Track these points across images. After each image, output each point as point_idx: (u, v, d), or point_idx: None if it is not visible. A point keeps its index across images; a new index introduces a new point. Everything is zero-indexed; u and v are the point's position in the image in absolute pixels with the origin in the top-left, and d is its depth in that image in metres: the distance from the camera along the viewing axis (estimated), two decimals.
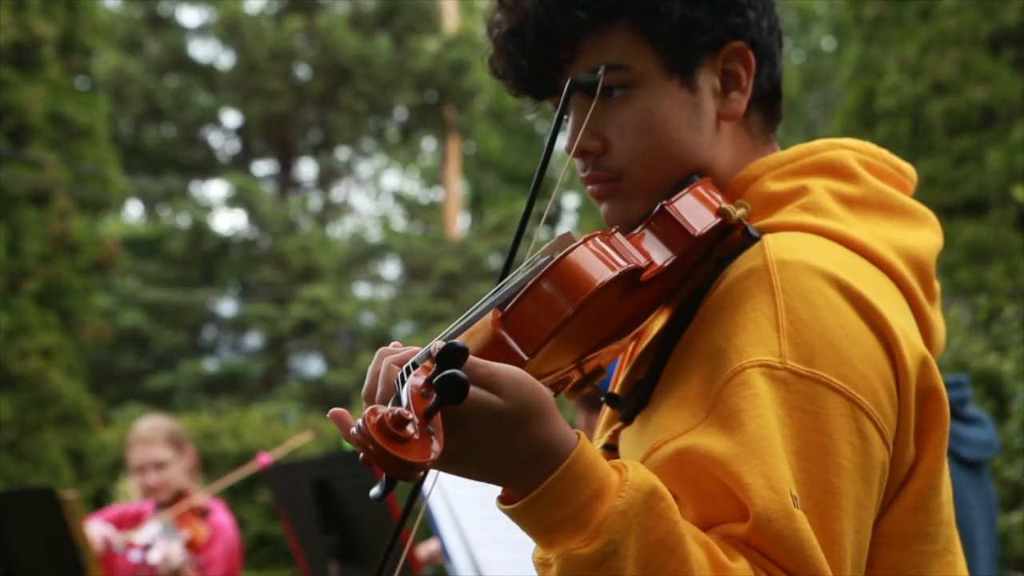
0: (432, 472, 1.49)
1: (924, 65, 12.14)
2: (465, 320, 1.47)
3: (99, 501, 13.19)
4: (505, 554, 3.64)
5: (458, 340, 1.27)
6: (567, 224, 27.71)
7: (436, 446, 1.22)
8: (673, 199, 1.54)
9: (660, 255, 1.51)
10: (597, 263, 1.43)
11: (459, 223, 25.09)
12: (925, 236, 1.63)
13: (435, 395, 1.22)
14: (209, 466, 14.34)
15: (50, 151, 14.40)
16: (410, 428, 1.21)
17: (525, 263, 1.55)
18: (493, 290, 1.52)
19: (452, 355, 1.24)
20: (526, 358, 1.41)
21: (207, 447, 14.66)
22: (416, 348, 1.43)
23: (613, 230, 1.52)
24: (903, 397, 1.48)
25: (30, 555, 4.82)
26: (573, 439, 1.35)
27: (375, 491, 1.27)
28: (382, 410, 1.22)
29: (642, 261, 1.49)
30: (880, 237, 1.58)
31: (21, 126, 14.17)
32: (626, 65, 1.59)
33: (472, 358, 1.31)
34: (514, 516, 1.37)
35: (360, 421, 1.22)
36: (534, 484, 1.33)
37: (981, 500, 5.86)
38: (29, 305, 13.89)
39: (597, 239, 1.46)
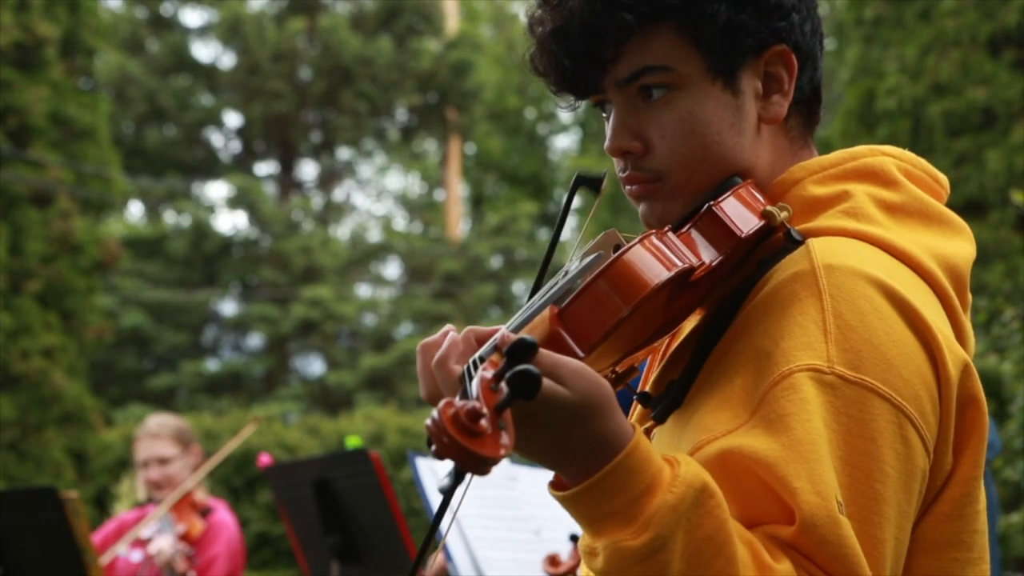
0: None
1: (924, 66, 12.15)
2: (523, 316, 1.50)
3: (101, 501, 13.21)
4: (506, 554, 3.65)
5: (526, 335, 1.27)
6: (568, 225, 27.62)
7: (507, 440, 1.24)
8: (719, 200, 1.54)
9: (708, 255, 1.52)
10: (653, 263, 1.45)
11: (460, 224, 25.10)
12: (960, 246, 1.63)
13: (507, 390, 1.24)
14: None
15: (52, 152, 14.42)
16: (483, 422, 1.23)
17: (573, 259, 1.58)
18: (547, 286, 1.55)
19: (522, 350, 1.25)
20: (582, 355, 1.42)
21: (209, 447, 14.63)
22: (450, 332, 1.48)
23: (666, 229, 1.52)
24: (944, 405, 1.48)
25: (32, 554, 4.84)
26: (629, 431, 1.36)
27: (444, 482, 1.26)
28: (457, 403, 1.23)
29: (695, 261, 1.49)
30: (920, 244, 1.58)
31: (23, 127, 14.18)
32: (669, 67, 1.58)
33: (539, 350, 1.32)
34: (565, 503, 1.39)
35: (435, 413, 1.23)
36: (589, 473, 1.35)
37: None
38: (31, 305, 13.91)
39: (653, 238, 1.47)
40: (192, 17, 26.61)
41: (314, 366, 22.76)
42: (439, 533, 3.55)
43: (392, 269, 24.92)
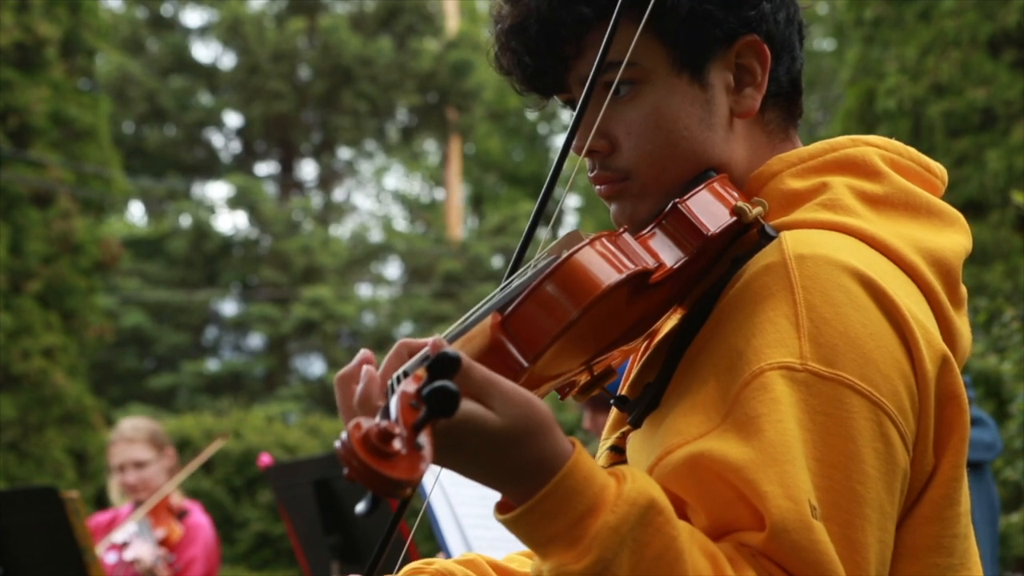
0: (433, 470, 1.46)
1: (924, 67, 12.16)
2: (463, 324, 1.41)
3: (101, 501, 13.20)
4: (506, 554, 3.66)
5: (450, 349, 1.18)
6: (568, 224, 27.68)
7: (424, 463, 1.15)
8: (686, 197, 1.47)
9: (671, 256, 1.44)
10: (603, 265, 1.36)
11: (460, 224, 25.11)
12: (952, 238, 1.55)
13: (424, 407, 1.15)
14: (211, 466, 14.37)
15: (53, 152, 14.42)
16: (397, 443, 1.14)
17: (531, 263, 1.50)
18: (496, 291, 1.46)
19: (443, 365, 1.16)
20: (526, 365, 1.34)
21: (202, 448, 14.67)
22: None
23: (621, 230, 1.44)
24: (923, 401, 1.41)
25: (32, 554, 4.84)
26: (568, 451, 1.29)
27: (360, 507, 1.18)
28: (367, 424, 1.15)
29: (651, 263, 1.41)
30: (903, 237, 1.50)
31: (24, 127, 14.19)
32: (633, 61, 1.50)
33: (468, 365, 1.25)
34: (508, 527, 1.32)
35: (344, 435, 1.15)
36: (527, 496, 1.29)
37: (982, 501, 5.87)
38: (32, 305, 13.92)
39: (604, 240, 1.39)
40: (192, 17, 26.66)
41: (314, 366, 22.77)
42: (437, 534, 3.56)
43: (392, 269, 24.95)
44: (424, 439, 1.16)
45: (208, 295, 22.33)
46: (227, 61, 23.32)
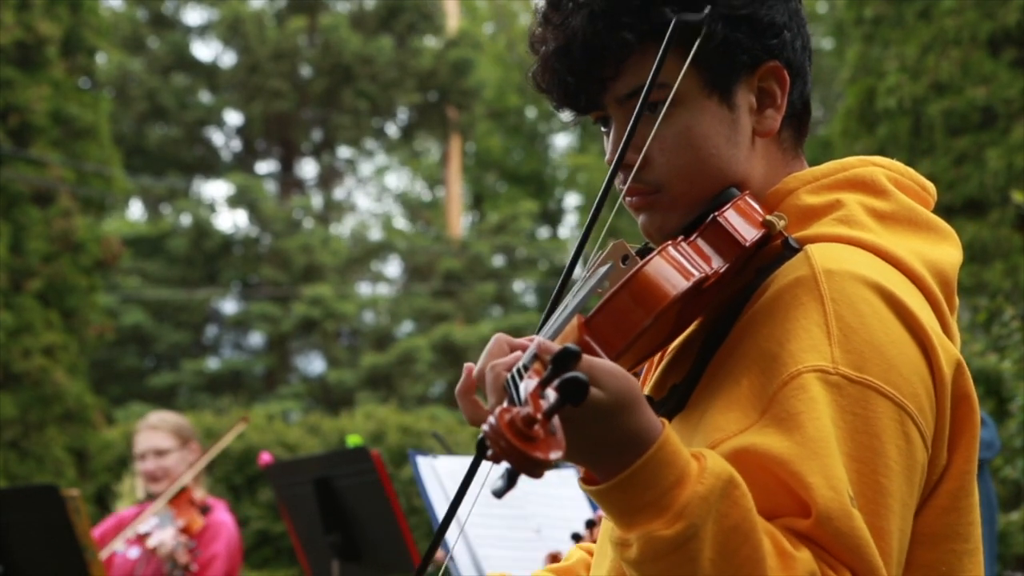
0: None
1: (924, 65, 12.17)
2: (553, 326, 1.56)
3: (102, 499, 13.22)
4: (506, 552, 3.66)
5: (569, 344, 1.33)
6: (568, 224, 27.72)
7: (559, 443, 1.29)
8: (723, 210, 1.61)
9: (717, 264, 1.58)
10: (673, 273, 1.52)
11: (460, 222, 25.11)
12: (947, 251, 1.70)
13: (557, 396, 1.28)
14: (211, 465, 14.37)
15: (53, 150, 14.43)
16: (537, 427, 1.28)
17: (584, 271, 1.66)
18: (565, 300, 1.61)
19: (567, 358, 1.30)
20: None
21: (209, 446, 14.67)
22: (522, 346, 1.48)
23: (679, 239, 1.59)
24: (940, 402, 1.56)
25: (33, 552, 4.85)
26: (659, 425, 1.42)
27: (499, 485, 1.29)
28: (513, 410, 1.29)
29: (708, 270, 1.56)
30: (910, 250, 1.65)
31: (24, 125, 14.20)
32: (668, 83, 1.63)
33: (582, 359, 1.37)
34: (598, 497, 1.44)
35: (491, 419, 1.28)
36: (621, 468, 1.41)
37: (982, 499, 5.88)
38: (32, 304, 13.93)
39: (670, 249, 1.55)
40: (193, 16, 26.63)
41: (315, 364, 22.80)
42: (446, 544, 3.57)
43: (392, 267, 24.97)
44: (556, 424, 1.30)
45: (208, 293, 22.34)
46: (227, 60, 23.33)
